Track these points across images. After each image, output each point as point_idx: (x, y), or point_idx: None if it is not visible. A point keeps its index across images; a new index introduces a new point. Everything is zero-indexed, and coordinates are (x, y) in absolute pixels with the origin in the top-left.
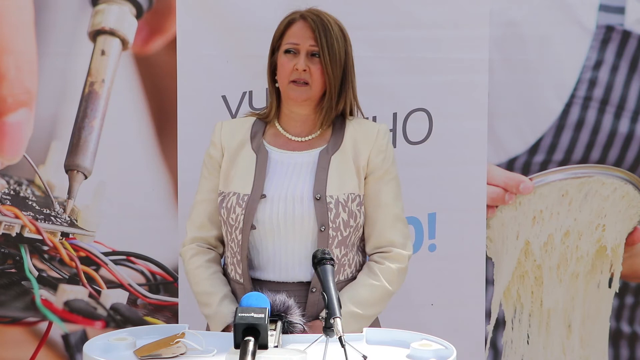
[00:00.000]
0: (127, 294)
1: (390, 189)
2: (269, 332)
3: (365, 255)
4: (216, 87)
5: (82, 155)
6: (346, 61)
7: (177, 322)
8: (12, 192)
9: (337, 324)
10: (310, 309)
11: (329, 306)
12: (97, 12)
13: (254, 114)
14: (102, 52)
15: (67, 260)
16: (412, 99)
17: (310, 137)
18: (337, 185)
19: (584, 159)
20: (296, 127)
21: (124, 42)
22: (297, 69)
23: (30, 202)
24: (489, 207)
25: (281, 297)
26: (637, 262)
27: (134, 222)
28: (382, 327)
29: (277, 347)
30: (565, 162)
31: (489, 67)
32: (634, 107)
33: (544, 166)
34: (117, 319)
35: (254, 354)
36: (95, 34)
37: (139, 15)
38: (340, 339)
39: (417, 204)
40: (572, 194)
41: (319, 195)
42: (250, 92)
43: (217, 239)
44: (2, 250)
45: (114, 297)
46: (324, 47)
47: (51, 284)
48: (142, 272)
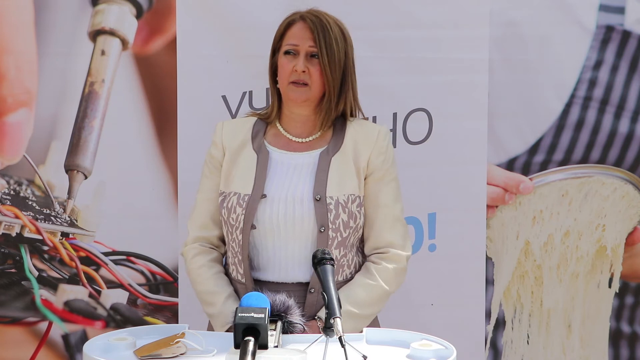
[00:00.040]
0: (127, 294)
1: (389, 190)
2: (269, 332)
3: (364, 256)
4: (216, 87)
5: (82, 155)
6: (346, 62)
7: (177, 322)
8: (12, 192)
9: (337, 324)
10: (308, 310)
11: (329, 306)
12: (97, 12)
13: (255, 114)
14: (102, 52)
15: (67, 260)
16: (412, 99)
17: (310, 138)
18: (337, 186)
19: (584, 159)
20: (297, 128)
21: (124, 42)
22: (296, 70)
23: (30, 202)
24: (489, 207)
25: (281, 297)
26: (637, 262)
27: (134, 222)
28: (382, 327)
29: (277, 347)
30: (565, 162)
31: (489, 67)
32: (634, 107)
33: (544, 166)
34: (117, 319)
35: (254, 354)
36: (95, 34)
37: (139, 15)
38: (340, 339)
39: (417, 204)
40: (572, 194)
41: (319, 196)
42: (250, 92)
43: (219, 238)
44: (2, 250)
45: (114, 297)
46: (323, 48)
47: (51, 284)
48: (142, 272)
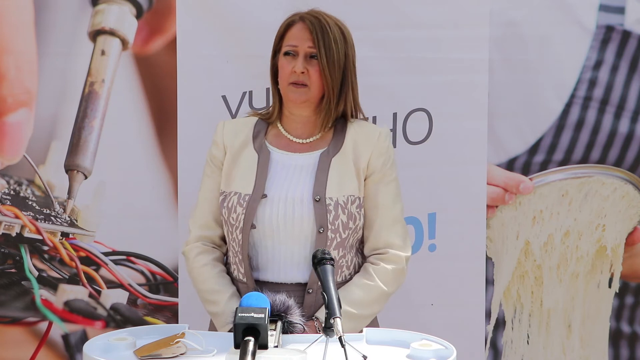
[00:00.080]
0: (127, 294)
1: (389, 190)
2: (269, 332)
3: (364, 257)
4: (216, 87)
5: (82, 155)
6: (346, 63)
7: (177, 322)
8: (12, 192)
9: (337, 324)
10: (307, 311)
11: (329, 306)
12: (97, 12)
13: (256, 114)
14: (102, 52)
15: (67, 260)
16: (412, 99)
17: (311, 139)
18: (337, 187)
19: (584, 159)
20: (297, 129)
21: (124, 42)
22: (295, 72)
23: (30, 202)
24: (489, 207)
25: (281, 297)
26: (637, 262)
27: (134, 222)
28: (382, 327)
29: (277, 347)
30: (565, 162)
31: (489, 67)
32: (634, 107)
33: (544, 166)
34: (117, 319)
35: (254, 354)
36: (95, 34)
37: (139, 15)
38: (340, 339)
39: (417, 204)
40: (572, 194)
41: (319, 197)
42: (250, 92)
43: (221, 238)
44: (2, 250)
45: (114, 297)
46: (322, 49)
47: (51, 284)
48: (142, 272)
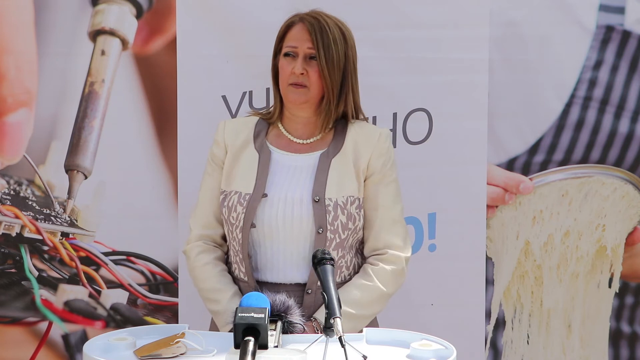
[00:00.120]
0: (127, 294)
1: (389, 191)
2: (269, 332)
3: (364, 258)
4: (216, 87)
5: (82, 155)
6: (346, 64)
7: (177, 322)
8: (12, 192)
9: (337, 324)
10: (306, 311)
11: (329, 306)
12: (97, 12)
13: (257, 114)
14: (102, 52)
15: (67, 260)
16: (412, 99)
17: (311, 139)
18: (337, 187)
19: (584, 159)
20: (298, 130)
21: (124, 42)
22: (294, 73)
23: (30, 202)
24: (489, 207)
25: (281, 297)
26: (637, 262)
27: (134, 222)
28: (382, 327)
29: (277, 347)
30: (565, 162)
31: (489, 67)
32: (634, 107)
33: (544, 166)
34: (117, 319)
35: (254, 354)
36: (95, 34)
37: (139, 15)
38: (340, 339)
39: (417, 204)
40: (572, 194)
41: (318, 197)
42: (250, 92)
43: (222, 237)
44: (2, 250)
45: (114, 297)
46: (321, 50)
47: (51, 284)
48: (142, 272)
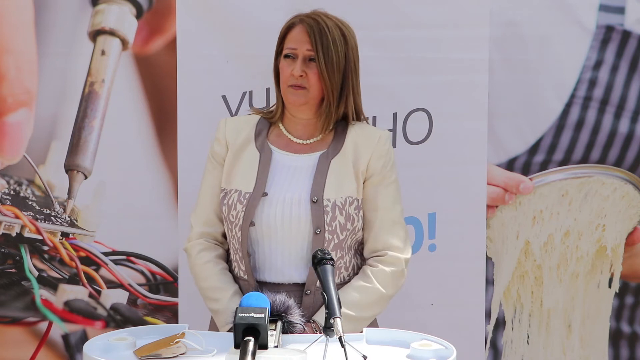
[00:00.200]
0: (127, 294)
1: (388, 193)
2: (269, 332)
3: (364, 259)
4: (216, 87)
5: (82, 155)
6: (346, 66)
7: (177, 322)
8: (12, 192)
9: (337, 324)
10: (304, 312)
11: (329, 306)
12: (97, 12)
13: (258, 112)
14: (102, 52)
15: (67, 260)
16: (412, 99)
17: (312, 140)
18: (335, 188)
19: (584, 159)
20: (298, 130)
21: (124, 42)
22: (294, 75)
23: (30, 202)
24: (489, 207)
25: (281, 297)
26: (637, 262)
27: (134, 222)
28: (382, 327)
29: (277, 347)
30: (565, 162)
31: (489, 67)
32: (634, 107)
33: (544, 166)
34: (117, 319)
35: (254, 354)
36: (95, 34)
37: (139, 15)
38: (340, 339)
39: (417, 204)
40: (572, 194)
41: (316, 198)
42: (250, 92)
43: (224, 234)
44: (2, 250)
45: (114, 297)
46: (320, 52)
47: (51, 284)
48: (142, 272)
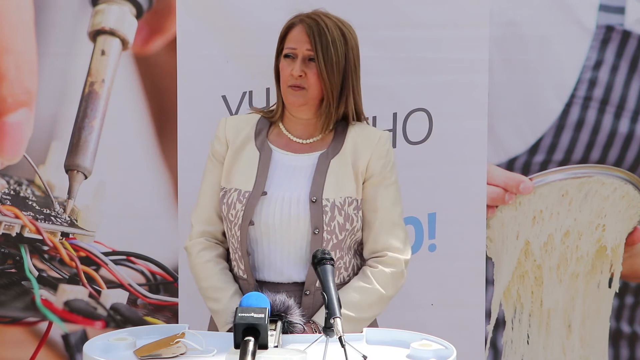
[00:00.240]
0: (127, 294)
1: (388, 193)
2: (269, 332)
3: (364, 259)
4: (216, 87)
5: (82, 155)
6: (346, 66)
7: (177, 322)
8: (12, 192)
9: (337, 324)
10: (304, 312)
11: (329, 306)
12: (97, 12)
13: (258, 111)
14: (102, 52)
15: (67, 260)
16: (412, 99)
17: (311, 140)
18: (335, 188)
19: (584, 159)
20: (298, 130)
21: (124, 42)
22: (293, 75)
23: (30, 202)
24: (489, 207)
25: (281, 297)
26: (637, 262)
27: (134, 222)
28: (382, 327)
29: (277, 347)
30: (565, 162)
31: (489, 67)
32: (634, 107)
33: (544, 166)
34: (117, 319)
35: (254, 354)
36: (95, 34)
37: (139, 15)
38: (340, 339)
39: (417, 204)
40: (572, 194)
41: (315, 197)
42: (250, 92)
43: (224, 233)
44: (2, 250)
45: (114, 297)
46: (319, 52)
47: (51, 284)
48: (142, 272)
